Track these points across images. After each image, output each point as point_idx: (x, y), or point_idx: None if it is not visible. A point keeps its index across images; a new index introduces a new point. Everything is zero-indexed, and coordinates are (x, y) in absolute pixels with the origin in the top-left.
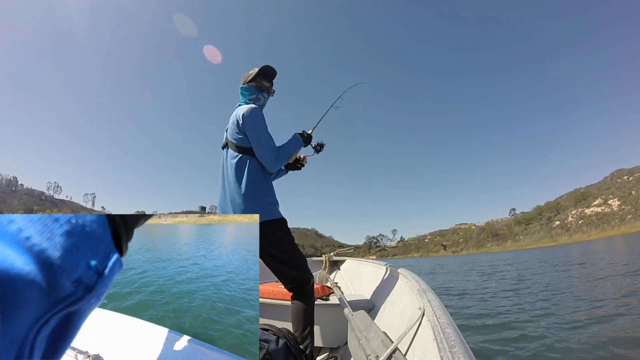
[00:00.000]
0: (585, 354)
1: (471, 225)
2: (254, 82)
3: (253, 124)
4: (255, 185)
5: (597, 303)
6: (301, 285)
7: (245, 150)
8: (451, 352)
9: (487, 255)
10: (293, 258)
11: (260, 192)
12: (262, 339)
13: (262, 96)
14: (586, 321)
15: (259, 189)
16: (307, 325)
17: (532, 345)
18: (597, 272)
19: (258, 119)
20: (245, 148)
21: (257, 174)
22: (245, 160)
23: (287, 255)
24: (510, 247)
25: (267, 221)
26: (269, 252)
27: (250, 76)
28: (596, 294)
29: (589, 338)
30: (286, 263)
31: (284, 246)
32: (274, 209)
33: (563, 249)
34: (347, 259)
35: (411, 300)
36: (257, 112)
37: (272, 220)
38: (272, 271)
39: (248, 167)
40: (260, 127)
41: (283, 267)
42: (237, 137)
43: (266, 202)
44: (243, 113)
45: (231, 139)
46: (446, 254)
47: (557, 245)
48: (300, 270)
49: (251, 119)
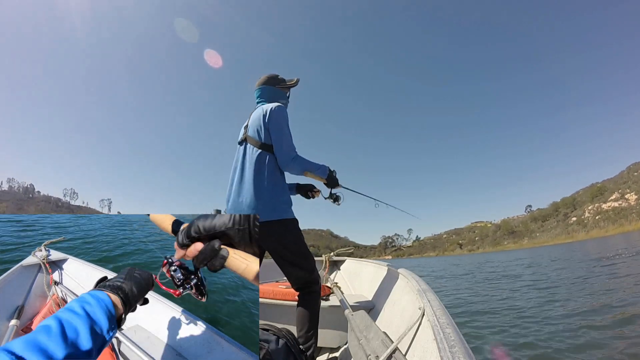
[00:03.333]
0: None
1: (487, 223)
2: (280, 86)
3: (278, 120)
4: (272, 182)
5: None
6: (309, 286)
7: (266, 147)
8: (451, 352)
9: (504, 254)
10: (303, 259)
11: (277, 189)
12: (262, 339)
13: (285, 100)
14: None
15: (275, 186)
16: (312, 326)
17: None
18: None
19: (283, 116)
20: (266, 144)
21: (274, 172)
22: (264, 156)
23: (298, 256)
24: (526, 244)
25: (280, 220)
26: (280, 251)
27: (278, 80)
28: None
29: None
30: (296, 263)
31: (295, 246)
32: (288, 209)
33: (580, 245)
34: (347, 259)
35: (411, 300)
36: (283, 110)
37: (285, 219)
38: (281, 270)
39: (268, 164)
40: (284, 123)
41: (293, 267)
42: (259, 132)
43: (281, 200)
44: (271, 108)
45: (252, 134)
46: (462, 253)
47: (574, 241)
48: (310, 271)
49: (277, 115)
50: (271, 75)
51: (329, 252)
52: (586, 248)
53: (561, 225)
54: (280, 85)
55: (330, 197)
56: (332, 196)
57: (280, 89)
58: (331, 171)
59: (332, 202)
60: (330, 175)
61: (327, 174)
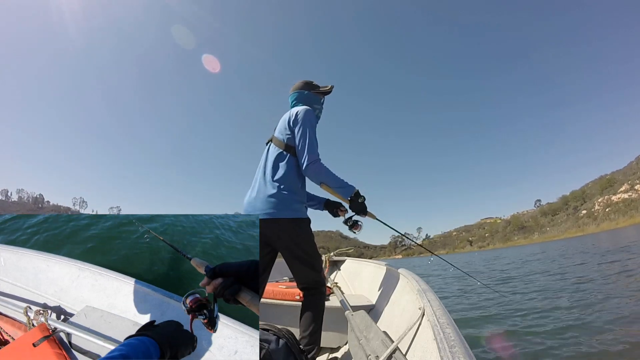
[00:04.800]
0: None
1: (497, 219)
2: (315, 91)
3: (304, 121)
4: (289, 182)
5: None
6: (316, 287)
7: (288, 148)
8: (451, 352)
9: (515, 250)
10: (313, 259)
11: (293, 189)
12: (262, 339)
13: (319, 106)
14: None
15: (292, 185)
16: (315, 327)
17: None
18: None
19: (309, 118)
20: (289, 146)
21: (293, 172)
22: (285, 156)
23: (309, 256)
24: (537, 239)
25: (295, 219)
26: (293, 249)
27: (313, 86)
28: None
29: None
30: (307, 263)
31: (307, 246)
32: (302, 208)
33: (592, 238)
34: (347, 259)
35: (411, 300)
36: (310, 112)
37: (299, 218)
38: (290, 269)
39: (287, 163)
40: (309, 126)
41: (303, 266)
42: (284, 133)
43: (296, 199)
44: (297, 110)
45: (278, 135)
46: (472, 250)
47: (584, 235)
48: (318, 272)
49: (303, 116)
50: (306, 81)
51: (326, 252)
52: (600, 240)
53: (571, 218)
54: (315, 91)
55: (347, 223)
56: (349, 221)
57: (315, 94)
58: (358, 195)
59: (348, 228)
60: (355, 199)
61: (351, 197)
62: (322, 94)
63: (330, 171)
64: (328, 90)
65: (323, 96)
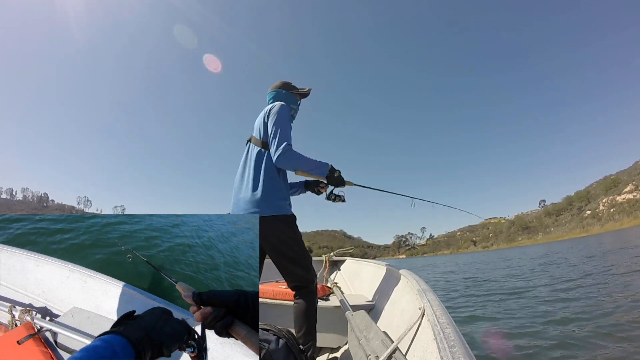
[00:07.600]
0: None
1: (501, 219)
2: (292, 91)
3: (277, 115)
4: (269, 178)
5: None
6: (306, 285)
7: (266, 145)
8: (451, 352)
9: (519, 250)
10: (300, 256)
11: (274, 185)
12: (262, 339)
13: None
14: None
15: (273, 182)
16: (310, 325)
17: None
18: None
19: (282, 112)
20: (265, 143)
21: (273, 169)
22: (263, 153)
23: (295, 254)
24: (541, 239)
25: (278, 216)
26: (277, 248)
27: (292, 86)
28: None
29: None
30: (293, 261)
31: (292, 244)
32: (286, 205)
33: (596, 239)
34: (347, 259)
35: (411, 300)
36: (284, 107)
37: (283, 215)
38: (277, 268)
39: (266, 161)
40: (280, 118)
41: (290, 264)
42: (260, 131)
43: (278, 196)
44: (272, 106)
45: (255, 133)
46: (476, 250)
47: (589, 235)
48: (306, 270)
49: (277, 111)
50: (285, 82)
51: (329, 252)
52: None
53: (575, 219)
54: (293, 92)
55: (330, 198)
56: (331, 196)
57: (292, 94)
58: (333, 170)
59: (332, 202)
60: (331, 176)
61: (327, 174)
62: (300, 96)
63: (302, 155)
64: (306, 93)
65: (300, 98)
